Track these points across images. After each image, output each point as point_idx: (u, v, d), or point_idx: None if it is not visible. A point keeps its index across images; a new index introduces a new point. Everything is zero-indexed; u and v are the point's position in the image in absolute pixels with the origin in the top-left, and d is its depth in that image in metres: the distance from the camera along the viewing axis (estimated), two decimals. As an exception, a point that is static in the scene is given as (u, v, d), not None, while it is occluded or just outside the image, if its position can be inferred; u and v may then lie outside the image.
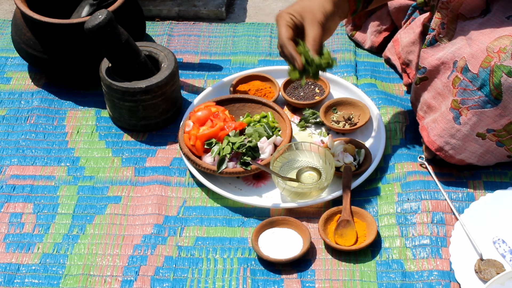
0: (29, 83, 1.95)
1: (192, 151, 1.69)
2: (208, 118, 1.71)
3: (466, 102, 1.52)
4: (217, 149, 1.66)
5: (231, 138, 1.67)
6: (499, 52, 1.46)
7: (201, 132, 1.68)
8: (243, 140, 1.67)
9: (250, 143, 1.66)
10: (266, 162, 1.64)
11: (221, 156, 1.65)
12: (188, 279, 1.51)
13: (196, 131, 1.69)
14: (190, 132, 1.69)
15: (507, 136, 1.55)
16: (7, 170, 1.73)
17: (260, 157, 1.67)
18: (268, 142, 1.69)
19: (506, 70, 1.45)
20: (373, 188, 1.66)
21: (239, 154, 1.66)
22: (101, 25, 1.65)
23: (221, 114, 1.71)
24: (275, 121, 1.75)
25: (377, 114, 1.77)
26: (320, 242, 1.56)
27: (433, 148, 1.61)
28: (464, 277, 1.46)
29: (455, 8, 1.55)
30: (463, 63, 1.52)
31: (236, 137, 1.68)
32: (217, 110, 1.72)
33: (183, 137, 1.71)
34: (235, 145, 1.66)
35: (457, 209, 1.59)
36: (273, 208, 1.62)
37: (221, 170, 1.64)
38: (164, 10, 2.17)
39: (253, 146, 1.66)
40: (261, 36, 2.07)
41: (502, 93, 1.47)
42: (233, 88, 1.85)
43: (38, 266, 1.54)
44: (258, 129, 1.70)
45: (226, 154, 1.65)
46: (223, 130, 1.69)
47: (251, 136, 1.69)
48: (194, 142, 1.69)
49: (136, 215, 1.63)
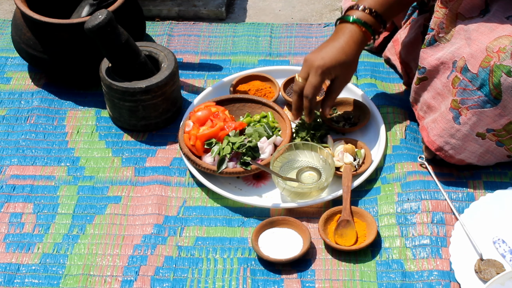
0: (29, 83, 1.95)
1: (192, 151, 1.69)
2: (208, 118, 1.71)
3: (465, 102, 1.52)
4: (217, 149, 1.66)
5: (231, 138, 1.67)
6: (498, 52, 1.46)
7: (201, 132, 1.68)
8: (243, 140, 1.66)
9: (250, 143, 1.66)
10: (266, 162, 1.64)
11: (221, 156, 1.65)
12: (188, 279, 1.51)
13: (196, 131, 1.68)
14: (190, 132, 1.69)
15: (506, 136, 1.55)
16: (7, 170, 1.73)
17: (260, 157, 1.67)
18: (268, 142, 1.69)
19: (506, 70, 1.45)
20: (373, 188, 1.66)
21: (239, 154, 1.66)
22: (101, 25, 1.65)
23: (221, 114, 1.71)
24: (275, 121, 1.75)
25: (377, 114, 1.77)
26: (320, 242, 1.56)
27: (433, 148, 1.61)
28: (464, 277, 1.46)
29: (454, 8, 1.55)
30: (463, 63, 1.52)
31: (236, 137, 1.68)
32: (217, 110, 1.72)
33: (183, 137, 1.71)
34: (235, 145, 1.65)
35: (457, 209, 1.59)
36: (273, 208, 1.62)
37: (221, 170, 1.64)
38: (164, 10, 2.17)
39: (253, 146, 1.66)
40: (261, 36, 2.07)
41: (502, 93, 1.47)
42: (233, 88, 1.85)
43: (38, 266, 1.54)
44: (258, 129, 1.70)
45: (226, 154, 1.65)
46: (223, 130, 1.69)
47: (251, 136, 1.69)
48: (194, 142, 1.68)
49: (136, 215, 1.63)
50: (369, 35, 1.64)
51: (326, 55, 1.61)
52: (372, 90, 1.86)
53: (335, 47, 1.62)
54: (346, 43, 1.62)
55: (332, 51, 1.61)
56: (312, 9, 2.22)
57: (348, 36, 1.62)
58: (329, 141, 1.70)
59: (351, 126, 1.77)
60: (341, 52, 1.61)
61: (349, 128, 1.75)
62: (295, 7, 2.22)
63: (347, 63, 1.62)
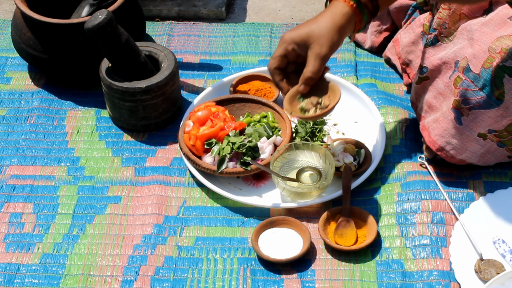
0: (29, 83, 1.95)
1: (192, 151, 1.69)
2: (208, 118, 1.71)
3: (467, 102, 1.52)
4: (217, 149, 1.66)
5: (231, 138, 1.67)
6: (501, 53, 1.46)
7: (201, 132, 1.68)
8: (243, 140, 1.66)
9: (250, 143, 1.66)
10: (266, 162, 1.64)
11: (221, 156, 1.65)
12: (188, 279, 1.51)
13: (196, 131, 1.68)
14: (190, 132, 1.69)
15: (508, 137, 1.55)
16: (7, 170, 1.73)
17: (260, 157, 1.66)
18: (268, 142, 1.68)
19: (508, 71, 1.45)
20: (373, 188, 1.66)
21: (239, 154, 1.66)
22: (101, 25, 1.65)
23: (221, 114, 1.71)
24: (275, 121, 1.75)
25: (377, 114, 1.77)
26: (320, 242, 1.56)
27: (434, 148, 1.61)
28: (464, 277, 1.46)
29: (458, 9, 1.55)
30: (465, 63, 1.52)
31: (236, 137, 1.67)
32: (217, 110, 1.72)
33: (183, 137, 1.70)
34: (235, 145, 1.65)
35: (457, 209, 1.59)
36: (273, 208, 1.62)
37: (221, 170, 1.64)
38: (164, 10, 2.17)
39: (253, 146, 1.66)
40: (261, 36, 2.07)
41: (505, 94, 1.47)
42: (233, 88, 1.85)
43: (38, 266, 1.54)
44: (258, 129, 1.70)
45: (226, 154, 1.65)
46: (223, 130, 1.69)
47: (251, 136, 1.69)
48: (194, 142, 1.68)
49: (136, 215, 1.63)
50: (357, 12, 1.45)
51: (296, 28, 1.48)
52: (372, 90, 1.86)
53: (309, 21, 1.47)
54: (322, 15, 1.46)
55: (303, 24, 1.47)
56: (312, 9, 2.22)
57: (330, 10, 1.46)
58: (329, 141, 1.70)
59: (323, 109, 1.51)
60: (311, 22, 1.46)
61: (322, 112, 1.50)
62: (295, 7, 2.22)
63: (317, 33, 1.44)
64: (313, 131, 1.71)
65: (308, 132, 1.71)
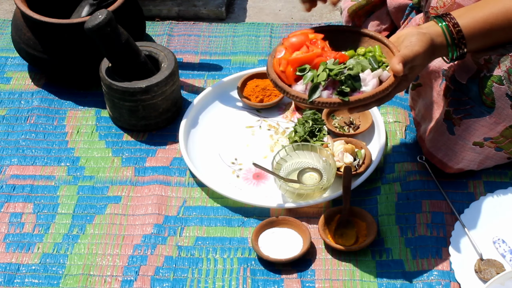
0: (29, 83, 1.95)
1: (281, 77, 1.44)
2: (304, 44, 1.46)
3: (459, 112, 1.51)
4: (310, 75, 1.41)
5: (329, 65, 1.42)
6: (486, 64, 1.45)
7: (294, 56, 1.43)
8: (342, 68, 1.41)
9: (351, 70, 1.41)
10: (366, 96, 1.39)
11: (314, 83, 1.40)
12: (188, 279, 1.51)
13: (288, 56, 1.44)
14: (281, 58, 1.45)
15: (505, 141, 1.54)
16: (7, 170, 1.73)
17: (361, 89, 1.41)
18: (372, 75, 1.42)
19: (496, 79, 1.45)
20: (373, 188, 1.66)
21: (336, 83, 1.40)
22: (101, 25, 1.65)
23: (320, 42, 1.46)
24: (383, 56, 1.47)
25: (377, 114, 1.77)
26: (320, 242, 1.56)
27: (432, 160, 1.62)
28: (464, 277, 1.46)
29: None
30: (451, 72, 1.51)
31: (335, 64, 1.43)
32: (315, 37, 1.47)
33: (272, 62, 1.45)
34: (332, 72, 1.40)
35: (457, 209, 1.59)
36: (273, 208, 1.62)
37: (313, 98, 1.39)
38: (164, 10, 2.17)
39: (354, 74, 1.40)
40: (261, 36, 2.07)
41: (495, 101, 1.46)
42: (241, 86, 1.84)
43: (38, 266, 1.54)
44: (362, 62, 1.43)
45: (321, 81, 1.40)
46: (320, 56, 1.43)
47: (353, 68, 1.43)
48: (284, 67, 1.43)
49: (136, 215, 1.63)
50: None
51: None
52: (372, 90, 1.86)
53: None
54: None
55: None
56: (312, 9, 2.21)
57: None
58: (329, 141, 1.70)
59: (355, 129, 1.76)
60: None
61: (354, 133, 1.75)
62: (295, 7, 2.22)
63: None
64: (313, 131, 1.71)
65: (307, 131, 1.70)
